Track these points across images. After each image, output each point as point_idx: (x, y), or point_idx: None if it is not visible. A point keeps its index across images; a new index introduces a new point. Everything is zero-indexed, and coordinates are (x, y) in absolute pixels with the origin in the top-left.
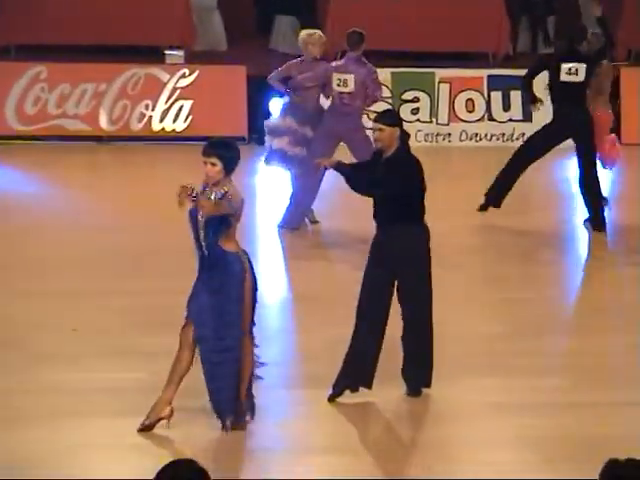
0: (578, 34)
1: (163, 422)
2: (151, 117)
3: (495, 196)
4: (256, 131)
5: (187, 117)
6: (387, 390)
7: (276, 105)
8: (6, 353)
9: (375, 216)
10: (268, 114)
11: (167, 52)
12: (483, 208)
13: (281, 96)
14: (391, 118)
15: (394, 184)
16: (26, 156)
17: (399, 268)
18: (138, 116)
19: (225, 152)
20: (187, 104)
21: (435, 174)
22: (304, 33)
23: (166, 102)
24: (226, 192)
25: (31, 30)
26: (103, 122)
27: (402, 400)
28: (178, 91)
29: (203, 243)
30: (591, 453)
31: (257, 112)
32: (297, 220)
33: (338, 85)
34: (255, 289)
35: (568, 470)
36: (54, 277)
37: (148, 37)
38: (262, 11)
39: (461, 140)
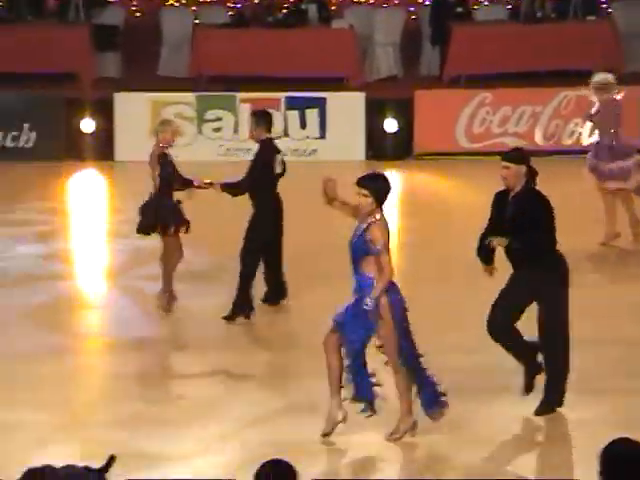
0: None
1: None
2: (580, 133)
3: None
4: None
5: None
6: None
7: None
8: None
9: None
10: None
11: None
12: None
13: None
14: (517, 156)
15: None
16: (471, 170)
17: None
18: (569, 133)
19: (375, 185)
20: None
21: None
22: None
23: None
24: (368, 224)
25: (477, 62)
26: (538, 138)
27: None
28: None
29: (352, 265)
30: None
31: None
32: None
33: None
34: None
35: None
36: None
37: (577, 63)
38: None
39: None
